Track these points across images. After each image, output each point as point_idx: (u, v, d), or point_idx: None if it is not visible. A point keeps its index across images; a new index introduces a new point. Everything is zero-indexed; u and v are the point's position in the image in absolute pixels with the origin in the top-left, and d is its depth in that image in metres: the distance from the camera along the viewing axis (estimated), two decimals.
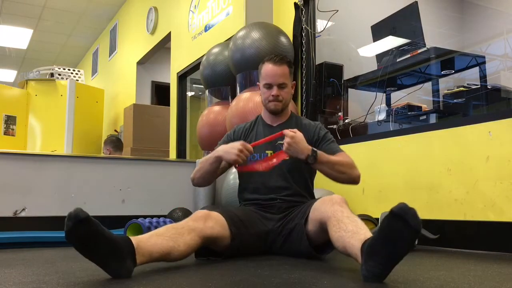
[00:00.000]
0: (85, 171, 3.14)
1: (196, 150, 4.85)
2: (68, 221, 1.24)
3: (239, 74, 3.27)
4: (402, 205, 1.19)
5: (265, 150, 2.01)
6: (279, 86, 2.02)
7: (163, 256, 1.46)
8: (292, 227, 1.83)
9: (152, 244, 1.42)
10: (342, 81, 3.45)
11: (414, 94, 3.41)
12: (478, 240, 2.21)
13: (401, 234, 1.18)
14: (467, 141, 2.31)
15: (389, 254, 1.21)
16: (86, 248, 1.27)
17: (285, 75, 2.03)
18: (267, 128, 2.11)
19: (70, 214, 1.24)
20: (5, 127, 5.27)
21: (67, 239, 1.25)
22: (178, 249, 1.50)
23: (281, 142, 1.85)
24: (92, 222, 1.25)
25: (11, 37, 7.87)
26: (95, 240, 1.25)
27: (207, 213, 1.70)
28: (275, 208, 1.95)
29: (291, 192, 1.98)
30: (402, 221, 1.17)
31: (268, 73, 2.02)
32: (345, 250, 1.42)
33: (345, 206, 1.58)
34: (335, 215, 1.53)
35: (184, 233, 1.55)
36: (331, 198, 1.64)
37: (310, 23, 3.48)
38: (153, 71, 6.57)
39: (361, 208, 2.76)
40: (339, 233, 1.46)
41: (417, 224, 1.17)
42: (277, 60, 2.03)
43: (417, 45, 3.02)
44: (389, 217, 1.20)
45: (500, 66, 3.95)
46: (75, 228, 1.23)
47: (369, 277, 1.24)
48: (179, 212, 3.08)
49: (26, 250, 2.21)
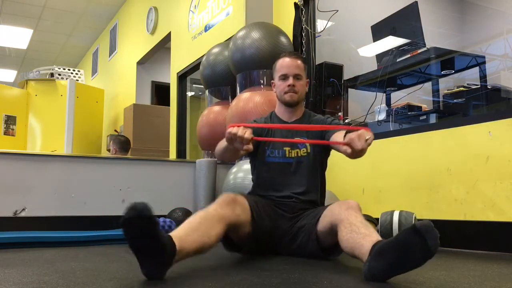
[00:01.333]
0: (85, 171, 3.14)
1: (196, 150, 4.85)
2: (131, 210, 1.21)
3: (239, 74, 3.27)
4: (427, 222, 1.18)
5: (283, 147, 2.01)
6: (295, 76, 2.04)
7: (196, 253, 1.47)
8: (301, 225, 1.83)
9: (190, 243, 1.42)
10: (342, 81, 3.45)
11: (414, 94, 3.41)
12: (478, 240, 2.21)
13: (415, 249, 1.17)
14: (467, 141, 2.31)
15: (395, 263, 1.21)
16: (136, 241, 1.25)
17: (300, 68, 2.07)
18: (283, 124, 2.11)
19: (135, 205, 1.22)
20: (5, 127, 5.27)
21: (123, 226, 1.22)
22: (209, 243, 1.51)
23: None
24: (152, 221, 1.24)
25: (11, 37, 7.87)
26: (147, 239, 1.24)
27: (234, 198, 1.70)
28: (289, 207, 1.95)
29: (307, 193, 1.99)
30: (421, 239, 1.16)
31: (284, 65, 2.06)
32: (352, 250, 1.42)
33: (359, 213, 1.58)
34: (349, 218, 1.53)
35: (214, 224, 1.55)
36: (348, 203, 1.64)
37: (310, 23, 3.48)
38: (153, 71, 6.57)
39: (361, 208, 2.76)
40: (350, 234, 1.46)
41: (435, 246, 1.16)
42: (293, 55, 2.10)
43: (417, 45, 3.02)
44: (410, 230, 1.19)
45: (500, 66, 3.95)
46: (136, 220, 1.21)
47: (368, 277, 1.25)
48: (179, 212, 3.08)
49: (26, 250, 2.21)
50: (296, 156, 2.01)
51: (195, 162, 3.44)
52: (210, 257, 1.80)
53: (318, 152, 2.03)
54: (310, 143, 1.99)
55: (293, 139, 2.01)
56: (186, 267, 1.56)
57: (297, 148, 2.01)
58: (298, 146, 2.00)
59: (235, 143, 1.65)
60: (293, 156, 2.01)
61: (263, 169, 2.05)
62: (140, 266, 1.28)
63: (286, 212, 1.93)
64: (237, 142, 1.63)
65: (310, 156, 2.01)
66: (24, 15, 7.04)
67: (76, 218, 3.02)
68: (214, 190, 3.36)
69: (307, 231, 1.80)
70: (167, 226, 2.67)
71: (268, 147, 2.03)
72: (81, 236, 2.50)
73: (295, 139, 2.00)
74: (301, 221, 1.86)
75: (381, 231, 2.28)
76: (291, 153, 2.01)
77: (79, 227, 2.91)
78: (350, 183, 2.94)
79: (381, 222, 2.33)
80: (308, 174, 2.00)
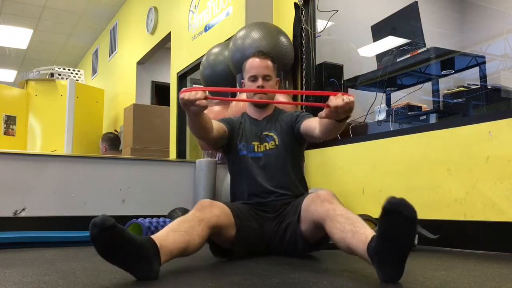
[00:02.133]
0: (85, 171, 3.14)
1: (196, 150, 4.85)
2: (93, 227, 1.21)
3: (239, 74, 3.27)
4: (391, 199, 1.18)
5: (252, 142, 2.05)
6: (264, 77, 2.05)
7: (181, 252, 1.46)
8: (286, 226, 1.83)
9: (171, 242, 1.42)
10: (342, 81, 3.45)
11: (414, 94, 3.41)
12: (478, 240, 2.20)
13: (400, 227, 1.17)
14: (467, 141, 2.31)
15: (396, 252, 1.20)
16: (113, 255, 1.25)
17: (270, 68, 2.08)
18: (254, 123, 2.13)
19: (95, 221, 1.21)
20: (5, 127, 5.27)
21: (94, 245, 1.23)
22: (193, 243, 1.50)
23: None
24: (118, 229, 1.23)
25: (11, 37, 7.86)
26: (122, 247, 1.24)
27: (211, 202, 1.70)
28: (269, 206, 1.95)
29: (282, 187, 1.98)
30: (396, 215, 1.16)
31: (253, 66, 2.08)
32: (350, 250, 1.42)
33: (335, 202, 1.57)
34: (328, 214, 1.52)
35: (195, 225, 1.54)
36: (318, 196, 1.63)
37: (310, 23, 3.48)
38: (153, 71, 6.57)
39: (361, 208, 2.76)
40: (338, 235, 1.45)
41: (412, 213, 1.16)
42: (261, 55, 2.11)
43: (417, 45, 3.02)
44: (383, 214, 1.19)
45: (500, 66, 3.95)
46: (101, 235, 1.21)
47: (389, 281, 1.24)
48: (179, 212, 3.08)
49: (26, 250, 2.21)
50: (265, 150, 2.03)
51: (195, 162, 3.44)
52: (210, 257, 1.80)
53: (288, 143, 2.04)
54: (307, 104, 1.98)
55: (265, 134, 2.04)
56: (186, 267, 1.56)
57: (265, 141, 2.04)
58: (266, 139, 2.03)
59: (191, 107, 1.62)
60: (261, 150, 2.03)
61: (236, 164, 2.07)
62: (132, 274, 1.28)
63: (268, 212, 1.93)
64: (192, 105, 1.61)
65: (278, 148, 2.02)
66: (24, 15, 7.04)
67: (76, 218, 3.02)
68: (214, 190, 3.36)
69: (292, 231, 1.79)
70: None
71: (239, 142, 2.06)
72: (81, 236, 2.50)
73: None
74: (285, 220, 1.85)
75: None
76: (260, 147, 2.04)
77: (79, 227, 2.90)
78: (350, 183, 2.94)
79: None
80: (279, 167, 2.01)
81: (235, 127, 2.09)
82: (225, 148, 2.09)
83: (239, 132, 2.09)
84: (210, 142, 1.99)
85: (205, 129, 1.87)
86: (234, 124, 2.10)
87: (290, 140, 2.05)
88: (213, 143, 2.01)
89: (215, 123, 1.96)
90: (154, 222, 2.65)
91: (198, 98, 1.59)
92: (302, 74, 3.43)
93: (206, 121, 1.85)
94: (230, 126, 2.07)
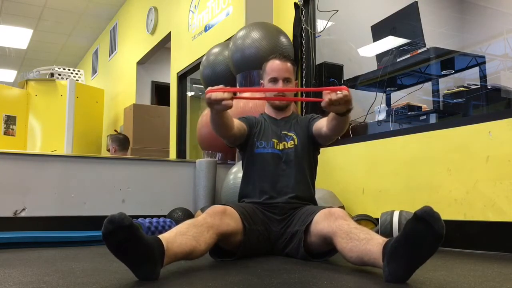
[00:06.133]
0: (85, 171, 3.14)
1: (196, 150, 4.85)
2: (109, 223, 1.20)
3: (239, 74, 3.27)
4: (426, 208, 1.19)
5: (272, 139, 2.05)
6: (284, 80, 2.07)
7: (185, 256, 1.46)
8: (294, 232, 1.82)
9: (178, 245, 1.42)
10: (342, 81, 3.45)
11: (414, 94, 3.41)
12: (478, 240, 2.21)
13: (425, 237, 1.18)
14: (467, 141, 2.31)
15: (413, 257, 1.21)
16: (124, 253, 1.25)
17: (290, 71, 2.10)
18: (273, 121, 2.14)
19: (113, 218, 1.20)
20: (5, 127, 5.27)
21: (104, 240, 1.22)
22: (199, 249, 1.50)
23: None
24: (133, 228, 1.23)
25: (11, 37, 7.87)
26: (134, 246, 1.24)
27: (224, 209, 1.70)
28: (278, 208, 1.94)
29: (296, 187, 1.99)
30: (426, 225, 1.17)
31: (274, 68, 2.09)
32: (360, 259, 1.41)
33: (349, 219, 1.58)
34: (341, 228, 1.52)
35: (204, 232, 1.54)
36: (332, 213, 1.63)
37: (310, 23, 3.48)
38: (153, 71, 6.57)
39: (361, 208, 2.76)
40: (351, 243, 1.45)
41: (441, 228, 1.17)
42: (282, 57, 2.12)
43: (417, 45, 3.02)
44: (413, 220, 1.19)
45: (500, 66, 3.95)
46: (116, 232, 1.20)
47: (391, 280, 1.23)
48: (179, 212, 3.08)
49: (26, 250, 2.21)
50: (284, 149, 2.04)
51: (195, 162, 3.44)
52: (211, 257, 1.80)
53: (305, 145, 2.05)
54: (303, 90, 1.97)
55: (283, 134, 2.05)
56: (186, 267, 1.56)
57: (284, 140, 2.05)
58: (285, 139, 2.05)
59: (216, 106, 1.67)
60: (281, 148, 2.04)
61: (252, 161, 2.07)
62: (134, 273, 1.28)
63: (276, 214, 1.93)
64: (218, 104, 1.65)
65: (297, 148, 2.04)
66: (24, 15, 7.04)
67: (76, 218, 3.02)
68: (214, 190, 3.36)
69: (298, 240, 1.78)
70: (167, 226, 2.67)
71: (257, 139, 2.07)
72: (81, 236, 2.50)
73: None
74: (292, 225, 1.85)
75: (381, 231, 2.28)
76: (279, 145, 2.04)
77: (79, 227, 2.91)
78: (350, 183, 2.94)
79: (381, 222, 2.33)
80: (296, 167, 2.01)
81: (254, 126, 2.11)
82: (243, 145, 2.10)
83: (257, 130, 2.10)
84: (230, 139, 2.01)
85: (227, 127, 1.91)
86: (253, 122, 2.12)
87: (307, 142, 2.07)
88: (232, 140, 2.03)
89: (235, 121, 1.99)
90: (154, 222, 2.65)
91: (225, 98, 1.64)
92: (302, 74, 3.43)
93: (229, 119, 1.89)
94: (249, 124, 2.09)
